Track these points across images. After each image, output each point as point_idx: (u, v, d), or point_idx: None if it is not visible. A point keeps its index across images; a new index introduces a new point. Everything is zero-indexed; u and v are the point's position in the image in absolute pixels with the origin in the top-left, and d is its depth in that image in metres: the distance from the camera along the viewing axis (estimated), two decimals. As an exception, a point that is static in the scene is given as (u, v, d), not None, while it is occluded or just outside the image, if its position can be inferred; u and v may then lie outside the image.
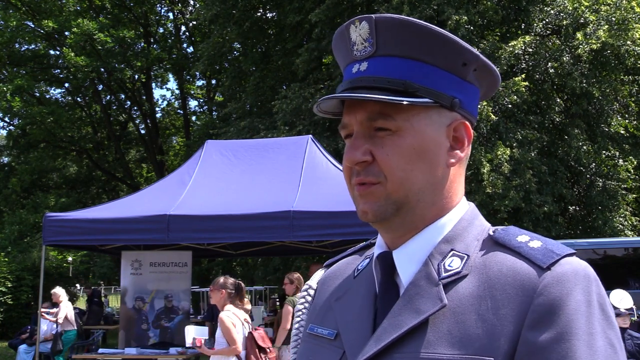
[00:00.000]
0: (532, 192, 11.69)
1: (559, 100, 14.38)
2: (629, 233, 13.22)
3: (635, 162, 14.47)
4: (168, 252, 8.72)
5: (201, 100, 25.48)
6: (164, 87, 44.60)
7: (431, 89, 0.86)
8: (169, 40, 23.10)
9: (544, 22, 13.64)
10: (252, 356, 5.18)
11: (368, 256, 0.99)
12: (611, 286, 7.26)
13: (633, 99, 15.24)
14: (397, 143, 0.85)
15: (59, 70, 21.77)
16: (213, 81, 23.65)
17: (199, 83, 25.10)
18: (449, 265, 0.85)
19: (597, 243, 10.42)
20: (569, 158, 13.27)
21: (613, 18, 12.25)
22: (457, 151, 0.90)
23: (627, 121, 15.01)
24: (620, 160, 14.16)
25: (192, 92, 25.18)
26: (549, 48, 13.03)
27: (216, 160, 8.20)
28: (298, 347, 1.03)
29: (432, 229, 0.88)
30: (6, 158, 24.18)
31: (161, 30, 23.37)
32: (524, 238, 0.85)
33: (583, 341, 0.74)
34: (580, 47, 12.02)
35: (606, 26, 12.10)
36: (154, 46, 22.30)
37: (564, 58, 12.40)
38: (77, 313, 11.19)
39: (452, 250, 0.86)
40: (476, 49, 0.90)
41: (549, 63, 12.85)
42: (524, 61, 13.19)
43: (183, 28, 23.42)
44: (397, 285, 0.88)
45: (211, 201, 7.11)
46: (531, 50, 12.80)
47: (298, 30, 15.54)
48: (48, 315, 9.88)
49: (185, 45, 23.54)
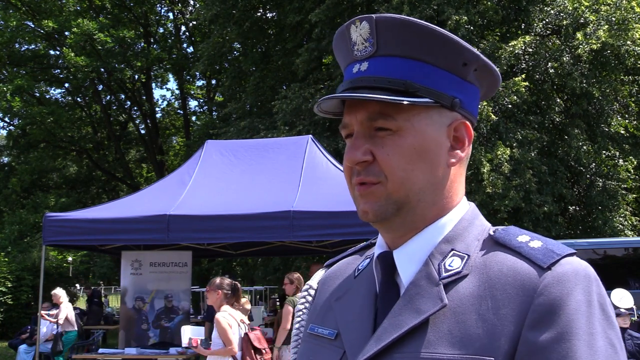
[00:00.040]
0: (532, 192, 11.69)
1: (559, 100, 14.38)
2: (629, 233, 13.22)
3: (635, 162, 14.47)
4: (168, 252, 8.72)
5: (201, 100, 25.48)
6: (164, 87, 44.60)
7: (432, 89, 0.86)
8: (169, 40, 23.10)
9: (544, 22, 13.64)
10: (248, 357, 5.20)
11: (368, 256, 0.99)
12: (611, 286, 7.26)
13: (633, 99, 15.24)
14: (398, 143, 0.86)
15: (59, 70, 21.77)
16: (213, 81, 23.65)
17: (199, 83, 25.12)
18: (450, 265, 0.85)
19: (597, 243, 10.42)
20: (569, 158, 13.27)
21: (613, 18, 12.25)
22: (458, 151, 0.90)
23: (627, 121, 15.01)
24: (620, 160, 14.16)
25: (192, 92, 25.18)
26: (549, 48, 13.02)
27: (216, 160, 8.20)
28: (298, 347, 1.03)
29: (433, 229, 0.88)
30: (6, 158, 24.17)
31: (161, 30, 23.38)
32: (525, 238, 0.85)
33: (583, 341, 0.74)
34: (580, 47, 12.02)
35: (606, 26, 12.09)
36: (154, 46, 22.30)
37: (564, 58, 12.40)
38: (78, 313, 11.19)
39: (453, 250, 0.86)
40: (476, 49, 0.90)
41: (549, 63, 12.85)
42: (524, 61, 13.19)
43: (183, 28, 23.44)
44: (398, 285, 0.88)
45: (211, 201, 7.11)
46: (531, 50, 12.79)
47: (298, 30, 15.54)
48: (48, 316, 9.88)
49: (185, 45, 23.56)
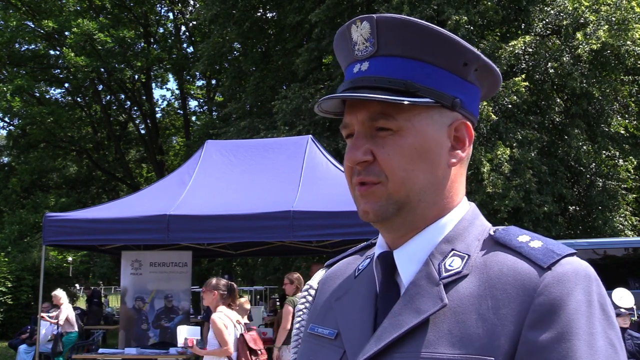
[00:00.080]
0: (532, 192, 11.69)
1: (559, 100, 14.38)
2: (629, 233, 13.22)
3: (635, 162, 14.47)
4: (168, 252, 8.72)
5: (201, 100, 25.48)
6: (164, 87, 44.55)
7: (432, 89, 0.86)
8: (169, 40, 23.10)
9: (544, 22, 13.64)
10: (243, 358, 5.19)
11: (369, 256, 0.99)
12: (611, 286, 7.26)
13: (633, 99, 15.24)
14: (399, 143, 0.85)
15: (59, 70, 21.77)
16: (213, 81, 23.65)
17: (199, 83, 25.12)
18: (450, 265, 0.85)
19: (597, 243, 10.43)
20: (569, 158, 13.27)
21: (613, 18, 12.25)
22: (458, 151, 0.90)
23: (627, 121, 15.01)
24: (620, 160, 14.16)
25: (192, 92, 25.18)
26: (549, 48, 13.03)
27: (216, 160, 8.20)
28: (299, 347, 1.03)
29: (433, 229, 0.88)
30: (6, 158, 24.18)
31: (161, 30, 23.38)
32: (525, 238, 0.85)
33: (583, 341, 0.73)
34: (580, 47, 12.02)
35: (606, 26, 12.09)
36: (154, 46, 22.30)
37: (564, 58, 12.40)
38: (79, 314, 11.17)
39: (453, 250, 0.86)
40: (477, 49, 0.90)
41: (549, 63, 12.85)
42: (524, 61, 13.19)
43: (183, 28, 23.44)
44: (398, 285, 0.88)
45: (211, 201, 7.11)
46: (531, 50, 12.80)
47: (298, 30, 15.54)
48: (49, 317, 9.87)
49: (185, 45, 23.55)
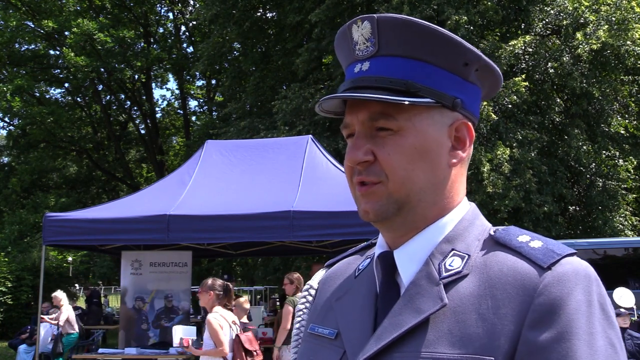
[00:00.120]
0: (532, 192, 11.69)
1: (559, 100, 14.38)
2: (629, 233, 13.22)
3: (635, 162, 14.47)
4: (168, 252, 8.72)
5: (201, 100, 25.49)
6: (164, 87, 44.60)
7: (433, 89, 0.86)
8: (169, 40, 23.10)
9: (544, 22, 13.64)
10: (239, 359, 5.20)
11: (369, 256, 0.99)
12: (611, 286, 7.26)
13: (633, 99, 15.24)
14: (399, 143, 0.85)
15: (59, 70, 21.78)
16: (213, 81, 23.65)
17: (199, 83, 25.12)
18: (450, 264, 0.85)
19: (597, 243, 10.43)
20: (569, 158, 13.27)
21: (613, 18, 12.25)
22: (459, 151, 0.90)
23: (627, 121, 15.02)
24: (620, 160, 14.17)
25: (192, 92, 25.18)
26: (549, 48, 13.03)
27: (216, 160, 8.20)
28: (299, 347, 1.03)
29: (433, 229, 0.88)
30: (6, 158, 24.18)
31: (161, 30, 23.38)
32: (525, 238, 0.85)
33: (583, 341, 0.73)
34: (580, 47, 12.02)
35: (606, 26, 12.09)
36: (154, 46, 22.30)
37: (564, 58, 12.40)
38: (79, 314, 11.15)
39: (453, 250, 0.86)
40: (477, 49, 0.90)
41: (549, 63, 12.85)
42: (524, 61, 13.19)
43: (183, 28, 23.45)
44: (398, 284, 0.88)
45: (211, 201, 7.11)
46: (531, 50, 12.80)
47: (298, 30, 15.54)
48: (49, 318, 9.86)
49: (185, 45, 23.56)
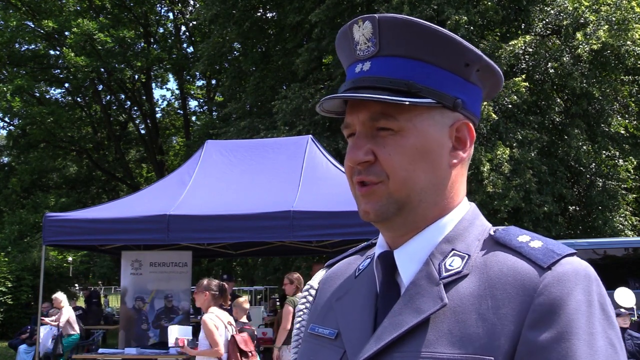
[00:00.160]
0: (532, 192, 11.69)
1: (559, 100, 14.38)
2: (629, 233, 13.22)
3: (635, 162, 14.47)
4: (168, 252, 8.72)
5: (201, 100, 25.49)
6: (164, 87, 44.60)
7: (434, 90, 0.86)
8: (169, 40, 23.10)
9: (544, 22, 13.64)
10: (233, 359, 5.20)
11: (369, 256, 0.99)
12: (611, 286, 7.26)
13: (633, 99, 15.24)
14: (400, 143, 0.85)
15: (59, 70, 21.77)
16: (213, 81, 23.65)
17: (199, 83, 25.13)
18: (450, 264, 0.85)
19: (597, 243, 10.43)
20: (569, 158, 13.27)
21: (613, 18, 12.25)
22: (460, 152, 0.90)
23: (627, 121, 15.01)
24: (620, 160, 14.17)
25: (192, 92, 25.18)
26: (549, 48, 13.03)
27: (216, 160, 8.20)
28: (299, 347, 1.03)
29: (433, 229, 0.88)
30: (6, 158, 24.18)
31: (161, 30, 23.38)
32: (525, 238, 0.85)
33: (583, 341, 0.73)
34: (580, 47, 12.02)
35: (606, 26, 12.09)
36: (154, 46, 22.30)
37: (564, 58, 12.40)
38: (79, 315, 11.14)
39: (453, 250, 0.86)
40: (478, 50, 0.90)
41: (549, 63, 12.85)
42: (524, 61, 13.19)
43: (183, 28, 23.45)
44: (398, 284, 0.88)
45: (211, 201, 7.11)
46: (531, 50, 12.80)
47: (298, 30, 15.54)
48: (48, 319, 9.85)
49: (185, 45, 23.56)
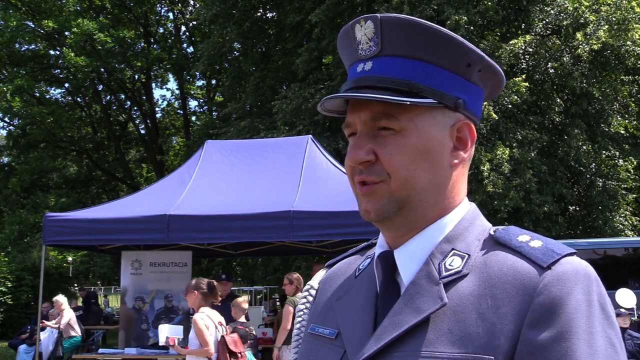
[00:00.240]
0: (532, 192, 11.69)
1: (559, 100, 14.38)
2: (629, 233, 13.22)
3: (635, 162, 14.47)
4: (168, 252, 8.72)
5: (201, 100, 25.50)
6: (164, 87, 44.60)
7: (435, 90, 0.86)
8: (169, 40, 23.11)
9: (544, 22, 13.64)
10: None
11: (369, 256, 0.99)
12: (611, 286, 7.26)
13: (633, 99, 15.25)
14: (401, 143, 0.86)
15: (59, 70, 21.78)
16: (213, 81, 23.66)
17: (199, 83, 25.14)
18: (450, 264, 0.85)
19: (597, 243, 10.43)
20: (569, 158, 13.27)
21: (613, 18, 12.25)
22: (461, 152, 0.90)
23: (627, 121, 15.01)
24: (620, 160, 14.16)
25: (192, 92, 25.19)
26: (549, 48, 13.03)
27: (216, 160, 8.20)
28: (299, 347, 1.03)
29: (434, 229, 0.88)
30: (6, 158, 24.19)
31: (161, 30, 23.39)
32: (525, 238, 0.85)
33: (583, 340, 0.74)
34: (580, 47, 12.02)
35: (606, 26, 12.09)
36: (154, 46, 22.31)
37: (564, 58, 12.41)
38: (79, 315, 11.13)
39: (453, 249, 0.86)
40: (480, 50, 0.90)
41: (549, 63, 12.85)
42: (524, 61, 13.19)
43: (183, 28, 23.46)
44: (398, 284, 0.88)
45: (211, 201, 7.11)
46: (531, 50, 12.80)
47: (298, 30, 15.54)
48: (49, 321, 9.84)
49: (185, 45, 23.57)
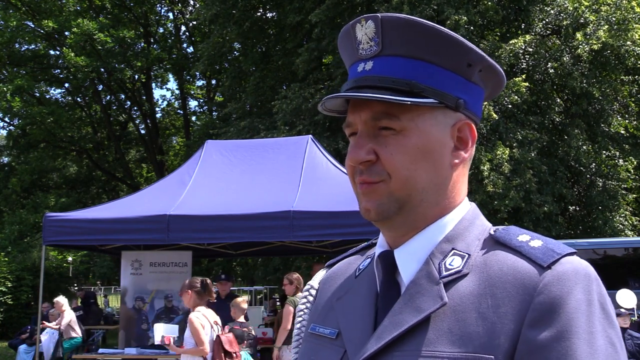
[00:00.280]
0: (532, 192, 11.69)
1: (559, 100, 14.38)
2: (629, 233, 13.22)
3: (635, 162, 14.47)
4: (168, 252, 8.72)
5: (201, 100, 25.50)
6: (164, 87, 44.60)
7: (436, 90, 0.86)
8: (169, 40, 23.11)
9: (544, 22, 13.64)
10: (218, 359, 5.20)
11: (369, 256, 0.99)
12: (611, 286, 7.26)
13: (633, 99, 15.25)
14: (402, 142, 0.86)
15: (59, 70, 21.78)
16: (213, 81, 23.66)
17: (199, 83, 25.14)
18: (450, 264, 0.85)
19: (597, 243, 10.43)
20: (569, 158, 13.27)
21: (613, 18, 12.25)
22: (461, 152, 0.90)
23: (627, 121, 15.01)
24: (620, 160, 14.16)
25: (192, 92, 25.19)
26: (549, 48, 13.03)
27: (216, 160, 8.20)
28: (300, 347, 1.03)
29: (434, 228, 0.88)
30: (6, 158, 24.19)
31: (161, 30, 23.39)
32: (525, 237, 0.85)
33: (583, 340, 0.74)
34: (580, 47, 12.02)
35: (606, 26, 12.09)
36: (154, 46, 22.31)
37: (564, 58, 12.40)
38: (79, 315, 11.12)
39: (453, 249, 0.86)
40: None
41: (549, 63, 12.85)
42: (524, 61, 13.19)
43: (183, 28, 23.46)
44: (399, 284, 0.88)
45: (211, 201, 7.11)
46: (531, 50, 12.79)
47: (298, 30, 15.55)
48: (49, 321, 9.84)
49: (185, 45, 23.58)
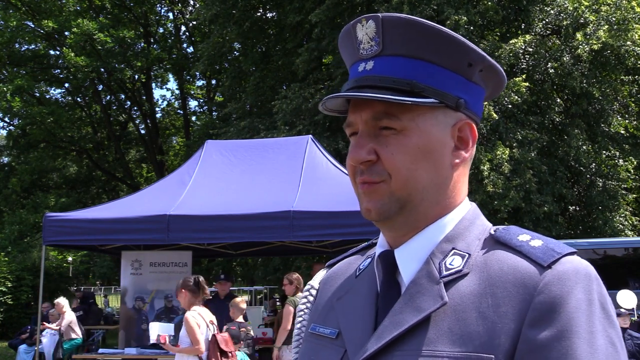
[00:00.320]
0: (532, 192, 11.69)
1: (559, 100, 14.38)
2: (629, 233, 13.22)
3: (635, 162, 14.47)
4: (168, 252, 8.72)
5: (201, 100, 25.50)
6: (164, 87, 44.58)
7: (437, 89, 0.87)
8: (169, 40, 23.11)
9: (544, 22, 13.64)
10: (213, 359, 5.20)
11: (370, 256, 0.99)
12: (612, 286, 7.26)
13: (633, 99, 15.25)
14: (403, 142, 0.86)
15: (59, 70, 21.78)
16: (213, 81, 23.66)
17: (199, 83, 25.14)
18: (450, 263, 0.85)
19: (597, 243, 10.43)
20: (569, 158, 13.27)
21: (613, 18, 12.25)
22: (462, 151, 0.90)
23: (627, 121, 15.01)
24: (620, 160, 14.16)
25: (192, 92, 25.19)
26: (549, 48, 13.03)
27: (216, 160, 8.21)
28: (300, 347, 1.03)
29: (434, 228, 0.88)
30: (6, 158, 24.19)
31: (161, 30, 23.40)
32: (525, 237, 0.85)
33: (583, 339, 0.74)
34: (580, 47, 12.02)
35: (606, 26, 12.09)
36: (154, 46, 22.31)
37: (564, 58, 12.40)
38: (79, 316, 11.12)
39: (454, 249, 0.86)
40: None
41: (549, 63, 12.85)
42: (524, 61, 13.19)
43: (183, 28, 23.46)
44: (399, 283, 0.88)
45: (211, 201, 7.11)
46: (531, 50, 12.80)
47: (298, 30, 15.54)
48: (49, 321, 9.84)
49: (185, 45, 23.58)
